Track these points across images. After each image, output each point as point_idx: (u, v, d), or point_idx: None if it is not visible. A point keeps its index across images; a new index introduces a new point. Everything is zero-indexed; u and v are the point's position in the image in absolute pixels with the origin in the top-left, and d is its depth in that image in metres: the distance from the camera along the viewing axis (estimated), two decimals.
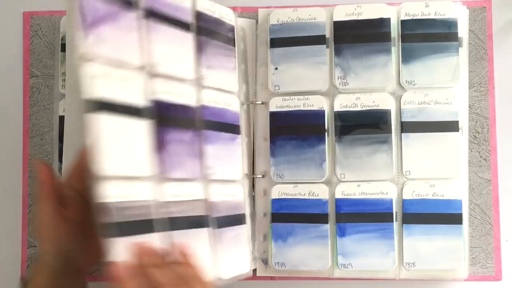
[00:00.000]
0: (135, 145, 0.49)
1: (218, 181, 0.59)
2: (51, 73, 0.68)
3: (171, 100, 0.54)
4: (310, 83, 0.65)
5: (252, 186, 0.66)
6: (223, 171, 0.59)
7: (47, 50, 0.69)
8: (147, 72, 0.52)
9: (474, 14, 0.68)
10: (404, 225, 0.63)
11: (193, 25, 0.59)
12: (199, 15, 0.59)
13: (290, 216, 0.64)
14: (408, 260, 0.63)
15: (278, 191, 0.64)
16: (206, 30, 0.60)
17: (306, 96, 0.64)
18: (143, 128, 0.50)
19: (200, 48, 0.59)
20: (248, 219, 0.65)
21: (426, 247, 0.62)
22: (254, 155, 0.67)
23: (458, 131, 0.63)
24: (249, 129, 0.66)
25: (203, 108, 0.58)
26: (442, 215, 0.62)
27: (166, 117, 0.53)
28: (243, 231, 0.62)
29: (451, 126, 0.63)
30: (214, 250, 0.56)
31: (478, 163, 0.67)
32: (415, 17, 0.64)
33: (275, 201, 0.64)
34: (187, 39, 0.57)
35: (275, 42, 0.65)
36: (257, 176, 0.66)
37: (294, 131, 0.64)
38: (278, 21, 0.65)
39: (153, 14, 0.53)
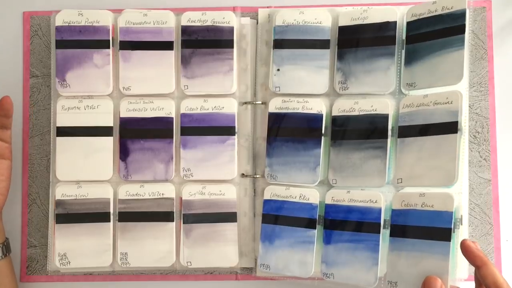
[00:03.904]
0: (96, 157, 0.64)
1: (197, 182, 0.65)
2: (51, 73, 0.68)
3: (139, 116, 0.65)
4: (310, 86, 0.64)
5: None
6: (206, 172, 0.64)
7: (47, 50, 0.69)
8: (115, 96, 0.66)
9: (474, 14, 0.68)
10: (390, 238, 0.60)
11: (177, 41, 0.66)
12: (183, 30, 0.65)
13: (279, 218, 0.63)
14: (391, 278, 0.59)
15: (270, 192, 0.64)
16: (192, 42, 0.65)
17: (305, 99, 0.64)
18: (107, 143, 0.64)
19: (184, 61, 0.65)
20: (242, 218, 0.65)
21: (410, 265, 0.58)
22: (255, 155, 0.67)
23: (456, 132, 0.57)
24: (250, 129, 0.67)
25: (183, 116, 0.65)
26: (429, 229, 0.57)
27: (132, 131, 0.65)
28: (230, 228, 0.64)
29: (450, 128, 0.58)
30: (179, 241, 0.64)
31: (478, 163, 0.67)
32: (421, 17, 0.61)
33: (266, 202, 0.64)
34: (168, 57, 0.65)
35: (279, 43, 0.65)
36: (257, 176, 0.66)
37: (291, 133, 0.64)
38: (283, 23, 0.65)
39: (129, 44, 0.65)
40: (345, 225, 0.61)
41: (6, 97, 0.62)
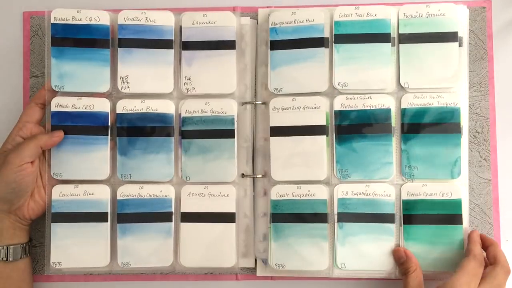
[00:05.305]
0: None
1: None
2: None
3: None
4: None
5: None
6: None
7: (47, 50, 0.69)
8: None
9: (474, 14, 0.68)
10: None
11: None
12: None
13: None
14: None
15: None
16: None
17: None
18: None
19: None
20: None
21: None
22: (255, 155, 0.67)
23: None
24: (250, 129, 0.67)
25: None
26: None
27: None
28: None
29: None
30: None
31: (478, 163, 0.67)
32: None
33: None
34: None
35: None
36: (257, 176, 0.66)
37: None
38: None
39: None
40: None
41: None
